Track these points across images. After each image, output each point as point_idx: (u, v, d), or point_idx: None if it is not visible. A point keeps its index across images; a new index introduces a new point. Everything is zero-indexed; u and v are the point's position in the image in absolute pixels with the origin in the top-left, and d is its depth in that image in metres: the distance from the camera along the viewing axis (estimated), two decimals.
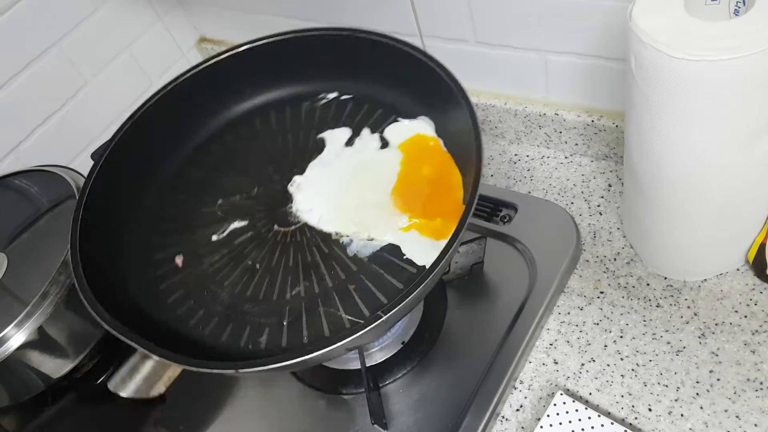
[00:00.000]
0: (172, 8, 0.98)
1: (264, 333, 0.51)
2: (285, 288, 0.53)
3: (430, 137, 0.57)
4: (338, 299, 0.51)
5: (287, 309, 0.52)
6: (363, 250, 0.54)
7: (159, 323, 0.53)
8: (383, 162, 0.58)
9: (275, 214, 0.58)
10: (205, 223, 0.59)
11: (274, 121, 0.62)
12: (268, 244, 0.56)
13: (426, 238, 0.52)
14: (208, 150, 0.62)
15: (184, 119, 0.62)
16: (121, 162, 0.58)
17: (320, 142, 0.60)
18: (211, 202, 0.59)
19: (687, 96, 0.42)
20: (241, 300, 0.53)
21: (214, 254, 0.57)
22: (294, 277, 0.54)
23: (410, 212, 0.54)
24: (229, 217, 0.58)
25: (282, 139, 0.61)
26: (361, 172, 0.58)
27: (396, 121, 0.58)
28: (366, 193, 0.57)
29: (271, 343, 0.50)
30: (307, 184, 0.58)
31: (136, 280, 0.55)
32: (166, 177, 0.62)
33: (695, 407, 0.51)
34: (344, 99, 0.61)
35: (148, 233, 0.59)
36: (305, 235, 0.56)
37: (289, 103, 0.62)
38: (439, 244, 0.50)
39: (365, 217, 0.55)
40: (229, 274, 0.55)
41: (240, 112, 0.63)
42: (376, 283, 0.52)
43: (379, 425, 0.55)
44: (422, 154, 0.57)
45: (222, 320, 0.53)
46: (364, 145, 0.59)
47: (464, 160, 0.53)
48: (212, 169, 0.61)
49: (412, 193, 0.55)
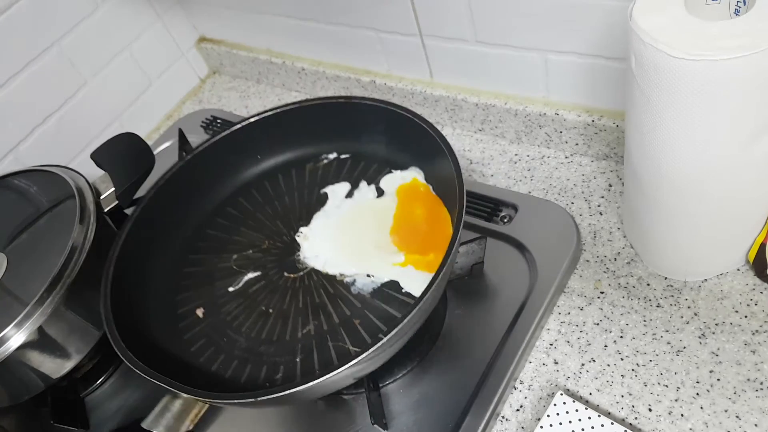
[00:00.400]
0: (172, 8, 0.98)
1: (279, 371, 0.56)
2: (296, 328, 0.58)
3: (421, 183, 0.64)
4: (345, 333, 0.56)
5: (299, 346, 0.57)
6: (365, 287, 0.59)
7: (186, 368, 0.58)
8: (379, 208, 0.64)
9: (285, 263, 0.63)
10: (222, 276, 0.64)
11: (282, 181, 0.69)
12: (279, 290, 0.61)
13: (421, 272, 0.57)
14: (224, 211, 0.69)
15: (204, 183, 0.69)
16: (148, 222, 0.64)
17: (323, 197, 0.67)
18: (227, 257, 0.65)
19: (687, 96, 0.42)
20: (257, 342, 0.58)
21: (232, 303, 0.62)
22: (304, 318, 0.59)
23: (406, 249, 0.60)
24: (243, 270, 0.64)
25: (289, 198, 0.68)
26: (360, 219, 0.64)
27: (390, 172, 0.65)
28: (365, 236, 0.63)
29: (286, 378, 0.55)
30: (312, 234, 0.65)
31: (162, 332, 0.60)
32: (187, 236, 0.68)
33: (695, 407, 0.51)
34: (343, 158, 0.68)
35: (170, 290, 0.64)
36: (312, 278, 0.61)
37: (294, 165, 0.70)
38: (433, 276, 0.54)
39: (365, 257, 0.61)
40: (245, 320, 0.60)
41: (252, 175, 0.71)
42: (379, 316, 0.57)
43: (379, 425, 0.55)
44: (415, 197, 0.63)
45: (241, 362, 0.57)
46: (362, 196, 0.66)
47: (451, 201, 0.58)
48: (227, 228, 0.68)
49: (407, 231, 0.61)
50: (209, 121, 0.95)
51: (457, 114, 0.78)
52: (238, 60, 0.99)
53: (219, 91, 1.03)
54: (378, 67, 0.83)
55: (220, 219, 0.69)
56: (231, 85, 1.03)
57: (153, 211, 0.64)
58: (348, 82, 0.86)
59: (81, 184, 0.65)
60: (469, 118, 0.78)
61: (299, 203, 0.67)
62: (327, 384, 0.46)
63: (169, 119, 1.02)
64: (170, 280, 0.65)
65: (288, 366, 0.56)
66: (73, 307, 0.58)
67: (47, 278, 0.57)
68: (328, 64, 0.88)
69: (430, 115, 0.81)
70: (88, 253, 0.59)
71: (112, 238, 0.67)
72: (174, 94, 1.03)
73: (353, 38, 0.80)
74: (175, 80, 1.02)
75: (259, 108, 0.96)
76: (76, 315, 0.59)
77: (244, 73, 1.01)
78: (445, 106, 0.78)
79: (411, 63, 0.78)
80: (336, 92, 0.90)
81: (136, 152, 0.71)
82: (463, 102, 0.76)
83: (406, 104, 0.82)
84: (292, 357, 0.56)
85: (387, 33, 0.76)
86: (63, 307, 0.57)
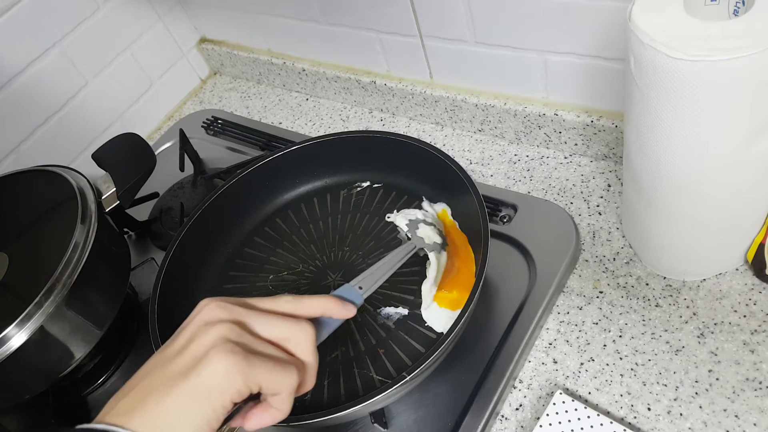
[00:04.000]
0: (173, 8, 0.98)
1: (308, 392, 0.56)
2: (325, 352, 0.59)
3: (449, 219, 0.65)
4: (369, 361, 0.58)
5: (327, 370, 0.58)
6: (390, 317, 0.61)
7: None
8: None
9: (317, 288, 0.65)
10: (259, 295, 0.64)
11: (317, 205, 0.72)
12: None
13: (444, 309, 0.58)
14: (262, 232, 0.72)
15: (245, 205, 0.72)
16: (192, 240, 0.67)
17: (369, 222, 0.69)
18: (264, 277, 0.68)
19: (686, 96, 0.42)
20: None
21: None
22: (332, 343, 0.60)
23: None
24: (278, 291, 0.66)
25: (323, 222, 0.71)
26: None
27: (420, 207, 0.66)
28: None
29: (313, 400, 0.57)
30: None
31: None
32: (226, 256, 0.71)
33: (694, 406, 0.51)
34: (375, 187, 0.71)
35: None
36: None
37: (329, 191, 0.73)
38: (454, 313, 0.57)
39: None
40: None
41: (289, 198, 0.74)
42: (402, 346, 0.58)
43: (379, 424, 0.56)
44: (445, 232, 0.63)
45: None
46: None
47: (476, 240, 0.60)
48: (265, 248, 0.71)
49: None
50: (210, 121, 0.95)
51: (456, 114, 0.78)
52: (239, 61, 0.99)
53: (220, 92, 1.03)
54: (378, 67, 0.83)
55: (258, 239, 0.71)
56: (232, 86, 1.04)
57: (197, 230, 0.67)
58: (348, 83, 0.86)
59: (82, 184, 0.65)
60: (469, 119, 0.78)
61: (332, 229, 0.70)
62: (351, 413, 0.49)
63: (170, 120, 1.02)
64: (212, 295, 0.65)
65: (316, 388, 0.55)
66: (74, 306, 0.59)
67: (49, 278, 0.57)
68: (328, 65, 0.88)
69: (430, 116, 0.82)
70: (89, 252, 0.59)
71: (112, 238, 0.67)
72: (175, 94, 1.03)
73: (353, 39, 0.81)
74: (176, 81, 1.02)
75: (260, 108, 0.96)
76: (78, 314, 0.59)
77: (244, 73, 1.02)
78: (444, 107, 0.79)
79: (411, 64, 0.78)
80: (336, 92, 0.90)
81: (137, 152, 0.72)
82: (463, 102, 0.76)
83: (405, 104, 0.83)
84: (320, 380, 0.57)
85: (387, 34, 0.76)
86: (64, 307, 0.57)
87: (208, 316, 0.38)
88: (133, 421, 0.34)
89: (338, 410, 0.48)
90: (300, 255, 0.68)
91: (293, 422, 0.48)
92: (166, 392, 0.35)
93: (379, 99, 0.85)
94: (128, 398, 0.36)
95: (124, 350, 0.71)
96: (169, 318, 0.60)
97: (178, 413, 0.35)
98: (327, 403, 0.56)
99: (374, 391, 0.48)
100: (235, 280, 0.68)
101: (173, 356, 0.37)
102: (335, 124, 0.89)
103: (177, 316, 0.61)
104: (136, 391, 0.36)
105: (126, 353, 0.71)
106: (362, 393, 0.55)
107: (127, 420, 0.34)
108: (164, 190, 0.85)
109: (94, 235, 0.61)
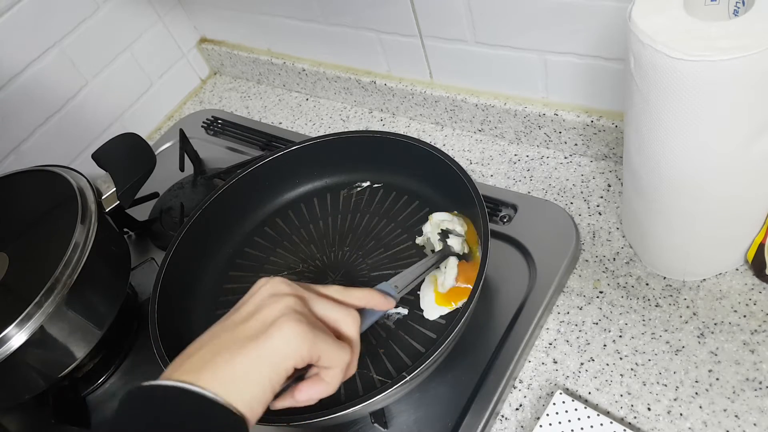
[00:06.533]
0: (173, 8, 0.98)
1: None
2: None
3: (464, 217, 0.63)
4: (369, 361, 0.58)
5: None
6: (390, 317, 0.61)
7: None
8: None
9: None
10: None
11: (317, 205, 0.72)
12: None
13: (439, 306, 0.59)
14: (262, 231, 0.72)
15: (245, 205, 0.72)
16: (192, 241, 0.67)
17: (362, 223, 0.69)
18: (264, 276, 0.65)
19: (686, 96, 0.42)
20: None
21: None
22: None
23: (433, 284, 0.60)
24: None
25: (323, 222, 0.71)
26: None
27: (427, 209, 0.66)
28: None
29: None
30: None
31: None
32: (226, 256, 0.71)
33: (694, 406, 0.51)
34: (375, 187, 0.71)
35: (209, 307, 0.67)
36: None
37: (330, 191, 0.73)
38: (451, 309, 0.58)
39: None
40: None
41: (289, 198, 0.74)
42: (402, 346, 0.58)
43: (379, 424, 0.56)
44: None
45: None
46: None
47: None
48: (265, 248, 0.70)
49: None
50: (210, 121, 0.95)
51: (456, 114, 0.78)
52: (239, 61, 0.99)
53: (220, 92, 1.03)
54: (378, 67, 0.83)
55: (258, 238, 0.71)
56: (232, 86, 1.04)
57: (197, 230, 0.67)
58: (348, 83, 0.86)
59: (82, 184, 0.65)
60: (469, 119, 0.78)
61: (332, 229, 0.69)
62: (351, 413, 0.49)
63: (170, 119, 1.02)
64: (210, 297, 0.67)
65: None
66: (74, 306, 0.59)
67: (49, 278, 0.57)
68: (328, 65, 0.88)
69: (430, 116, 0.82)
70: (89, 253, 0.59)
71: (112, 238, 0.67)
72: (175, 94, 1.03)
73: (353, 39, 0.81)
74: (176, 81, 1.02)
75: (260, 108, 0.97)
76: (78, 314, 0.60)
77: (244, 73, 1.02)
78: (444, 107, 0.79)
79: (411, 64, 0.78)
80: (336, 92, 0.90)
81: (137, 152, 0.72)
82: (463, 102, 0.76)
83: (405, 104, 0.83)
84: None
85: (387, 34, 0.76)
86: (64, 307, 0.57)
87: (274, 289, 0.41)
88: (202, 379, 0.36)
89: (338, 410, 0.48)
90: (300, 255, 0.68)
91: (293, 422, 0.48)
92: (237, 352, 0.37)
93: (379, 99, 0.85)
94: (195, 358, 0.37)
95: (124, 350, 0.71)
96: (169, 318, 0.60)
97: (246, 373, 0.36)
98: (327, 403, 0.56)
99: (374, 391, 0.48)
100: (235, 280, 0.68)
101: (241, 321, 0.39)
102: (335, 124, 0.89)
103: (177, 316, 0.62)
104: (205, 352, 0.38)
105: (126, 353, 0.70)
106: (362, 393, 0.55)
107: (196, 378, 0.36)
108: (164, 190, 0.85)
109: (94, 235, 0.61)
